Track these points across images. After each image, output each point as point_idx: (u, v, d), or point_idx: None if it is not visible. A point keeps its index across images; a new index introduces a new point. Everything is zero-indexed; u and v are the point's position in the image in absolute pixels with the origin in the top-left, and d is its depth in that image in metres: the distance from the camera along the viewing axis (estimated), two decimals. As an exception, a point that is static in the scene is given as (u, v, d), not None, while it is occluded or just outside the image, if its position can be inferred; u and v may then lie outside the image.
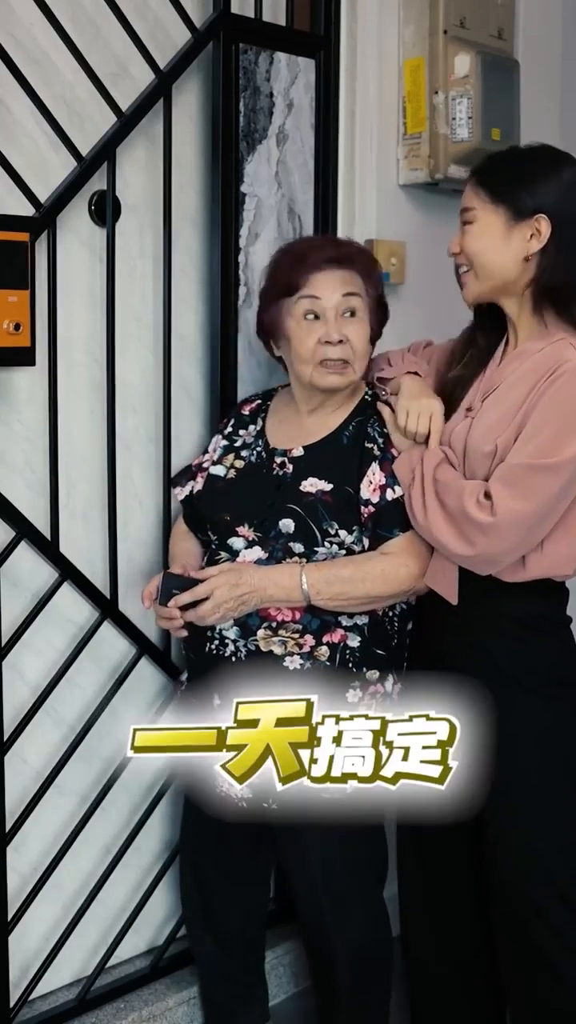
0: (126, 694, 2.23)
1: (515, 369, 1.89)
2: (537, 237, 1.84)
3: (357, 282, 1.99)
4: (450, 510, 1.84)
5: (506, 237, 1.86)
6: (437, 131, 2.49)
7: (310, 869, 2.05)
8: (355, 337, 1.96)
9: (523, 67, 2.65)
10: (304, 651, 1.94)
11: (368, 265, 2.03)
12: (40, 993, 2.20)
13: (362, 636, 1.96)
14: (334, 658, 1.94)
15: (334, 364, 1.96)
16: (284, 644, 1.94)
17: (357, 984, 2.10)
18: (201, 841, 2.21)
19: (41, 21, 1.95)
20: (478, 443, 1.87)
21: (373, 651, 1.97)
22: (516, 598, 1.89)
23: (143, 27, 2.10)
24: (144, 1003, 2.28)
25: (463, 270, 1.94)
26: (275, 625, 1.94)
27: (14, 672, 2.07)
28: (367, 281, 2.00)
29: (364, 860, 2.08)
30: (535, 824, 1.91)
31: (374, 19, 2.46)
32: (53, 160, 2.01)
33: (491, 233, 1.87)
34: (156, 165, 2.17)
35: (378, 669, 1.97)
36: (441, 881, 2.11)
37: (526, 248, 1.85)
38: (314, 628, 1.94)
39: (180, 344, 2.26)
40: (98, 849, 2.26)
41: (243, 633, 1.96)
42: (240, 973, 2.28)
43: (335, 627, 1.95)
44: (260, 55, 2.27)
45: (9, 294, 1.88)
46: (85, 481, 2.15)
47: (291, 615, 1.94)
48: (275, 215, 2.35)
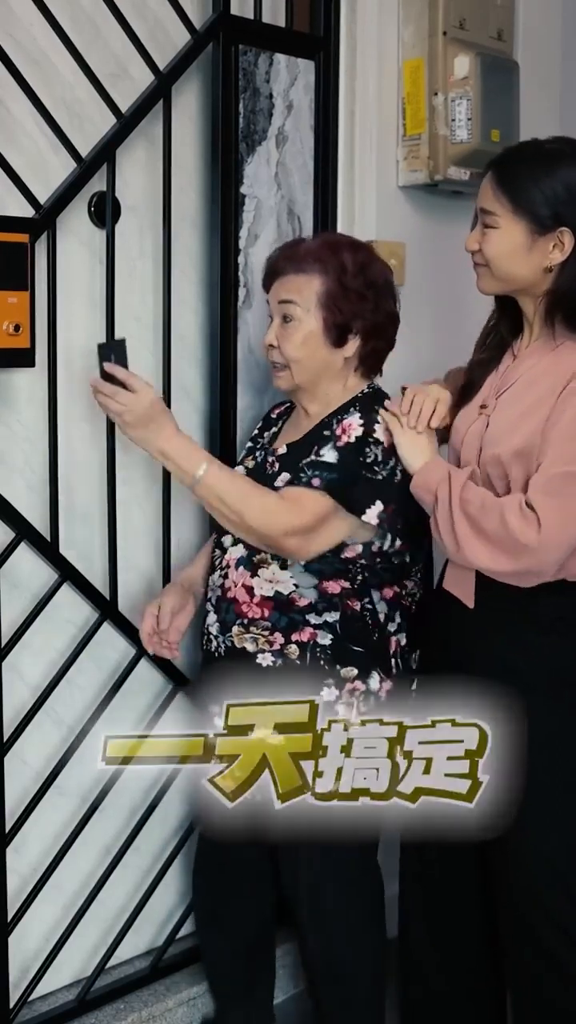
0: (126, 695, 2.23)
1: (530, 367, 1.88)
2: (560, 248, 1.82)
3: (295, 286, 1.98)
4: (489, 532, 1.79)
5: (528, 248, 1.84)
6: (437, 132, 2.48)
7: (298, 893, 2.07)
8: (284, 343, 1.99)
9: (523, 68, 2.65)
10: (275, 649, 1.95)
11: (324, 262, 1.97)
12: (40, 994, 2.19)
13: (334, 633, 1.94)
14: (304, 656, 1.94)
15: (275, 367, 2.03)
16: (256, 641, 1.96)
17: (335, 996, 2.10)
18: (209, 845, 2.23)
19: (41, 22, 1.94)
20: (495, 442, 1.85)
21: (348, 648, 1.95)
22: (532, 599, 1.87)
23: (143, 28, 2.10)
24: (144, 1004, 2.28)
25: (480, 266, 1.92)
26: (246, 622, 1.96)
27: (14, 673, 2.06)
28: (323, 278, 1.96)
29: (355, 884, 2.08)
30: (544, 826, 1.89)
31: (374, 20, 2.46)
32: (53, 161, 2.01)
33: (513, 243, 1.84)
34: (156, 166, 2.17)
35: (356, 666, 1.95)
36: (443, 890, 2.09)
37: (548, 260, 1.84)
38: (282, 626, 1.95)
39: (180, 345, 2.26)
40: (98, 850, 2.25)
41: (221, 629, 1.99)
42: (241, 973, 2.28)
43: (303, 626, 1.94)
44: (260, 56, 2.26)
45: (9, 295, 1.88)
46: (85, 482, 2.15)
47: (260, 612, 1.95)
48: (275, 216, 2.35)
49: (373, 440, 1.93)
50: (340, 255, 1.97)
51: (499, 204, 1.85)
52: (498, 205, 1.85)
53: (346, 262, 1.97)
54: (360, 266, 1.98)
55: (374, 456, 1.92)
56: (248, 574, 1.98)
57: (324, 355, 1.99)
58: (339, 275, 1.96)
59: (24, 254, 1.90)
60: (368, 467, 1.91)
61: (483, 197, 1.88)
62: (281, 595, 1.95)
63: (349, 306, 1.96)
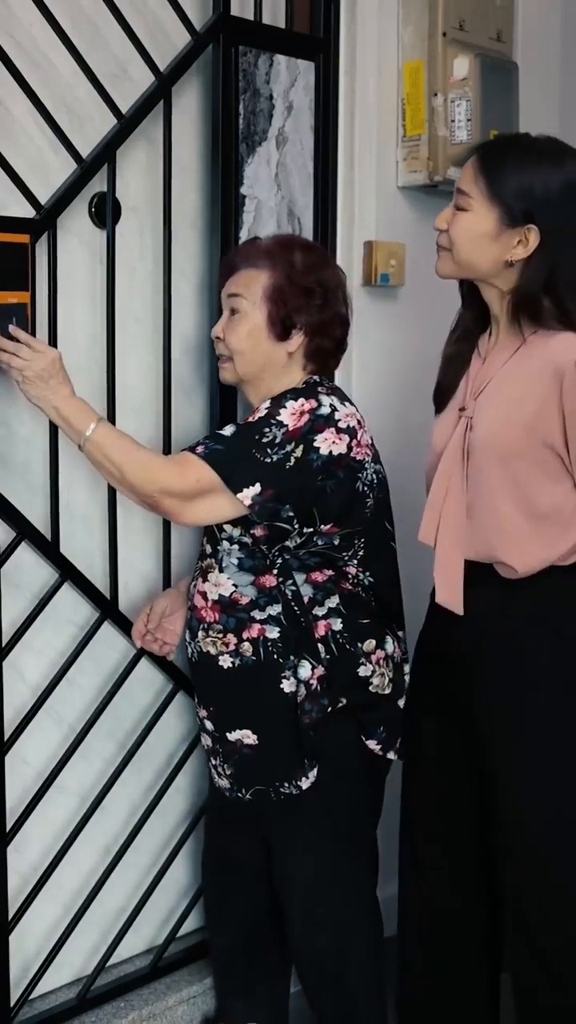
0: (126, 695, 2.23)
1: (503, 362, 1.87)
2: (524, 245, 1.81)
3: (245, 280, 1.99)
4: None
5: (494, 238, 1.83)
6: (436, 133, 2.49)
7: (291, 892, 2.08)
8: (229, 334, 2.01)
9: (522, 69, 2.65)
10: (231, 649, 1.97)
11: (275, 257, 1.98)
12: (40, 992, 2.20)
13: (280, 625, 1.95)
14: (258, 652, 1.95)
15: (220, 359, 2.06)
16: (215, 644, 1.98)
17: (330, 997, 2.11)
18: (213, 840, 2.25)
19: (41, 23, 1.94)
20: (484, 441, 1.85)
21: (294, 639, 1.96)
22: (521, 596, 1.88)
23: (143, 29, 2.10)
24: (144, 1002, 2.28)
25: (443, 249, 1.91)
26: (206, 626, 2.00)
27: (14, 672, 2.07)
28: (271, 272, 1.97)
29: (348, 883, 2.08)
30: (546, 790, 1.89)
31: (373, 21, 2.46)
32: (53, 162, 2.01)
33: (480, 228, 1.83)
34: (156, 167, 2.17)
35: (294, 654, 1.96)
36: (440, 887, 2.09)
37: (510, 254, 1.82)
38: (232, 627, 1.97)
39: (180, 344, 2.26)
40: (98, 849, 2.25)
41: (191, 635, 2.05)
42: (242, 969, 2.27)
43: (251, 623, 1.96)
44: (260, 57, 2.26)
45: (10, 295, 1.88)
46: (85, 482, 2.14)
47: (213, 616, 1.98)
48: (275, 217, 2.34)
49: (276, 422, 1.90)
50: (292, 253, 1.99)
51: (476, 187, 1.84)
52: (475, 188, 1.84)
53: (296, 260, 1.98)
54: (310, 266, 1.98)
55: (272, 437, 1.89)
56: (201, 580, 2.01)
57: (267, 348, 1.99)
58: (287, 271, 1.97)
59: (25, 254, 1.91)
60: (261, 447, 1.89)
61: (463, 178, 1.87)
62: (224, 597, 1.97)
63: (294, 300, 1.96)
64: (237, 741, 2.01)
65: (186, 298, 2.27)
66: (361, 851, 2.10)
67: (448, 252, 1.89)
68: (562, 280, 1.80)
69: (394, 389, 2.54)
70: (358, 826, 2.09)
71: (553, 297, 1.81)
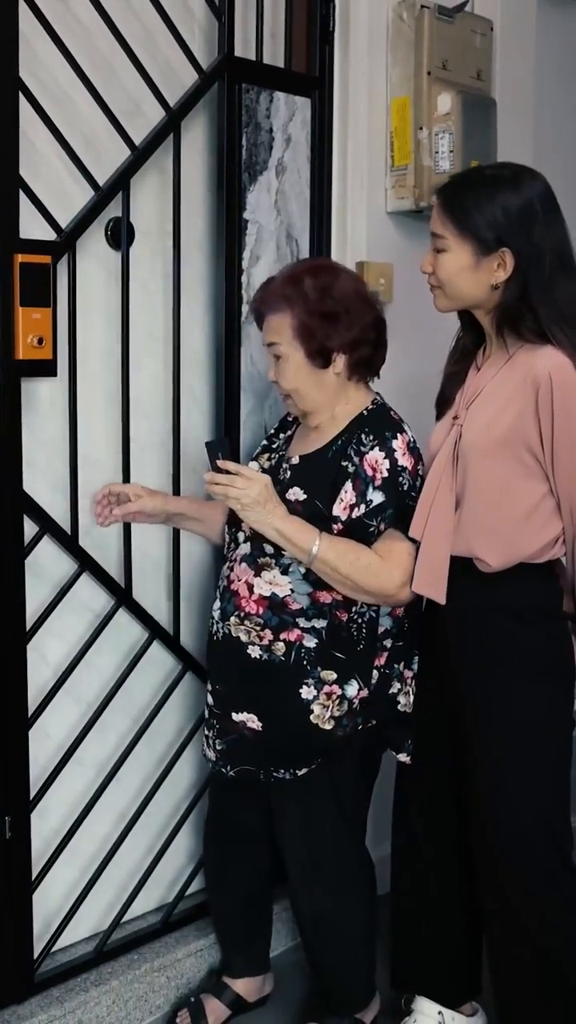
0: (139, 674, 2.25)
1: (491, 376, 1.90)
2: (503, 267, 1.84)
3: (274, 326, 1.97)
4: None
5: (474, 269, 1.85)
6: (421, 163, 2.49)
7: (295, 865, 2.10)
8: (280, 378, 2.00)
9: (500, 105, 2.65)
10: (264, 644, 1.96)
11: (289, 297, 1.95)
12: (61, 946, 2.21)
13: (319, 639, 1.95)
14: (289, 655, 1.95)
15: (284, 397, 2.05)
16: (248, 633, 1.97)
17: (326, 949, 2.13)
18: (217, 809, 2.26)
19: (62, 63, 1.96)
20: (470, 446, 1.88)
21: (331, 654, 1.95)
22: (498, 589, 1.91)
23: (154, 69, 2.11)
24: (155, 955, 2.29)
25: (435, 288, 1.94)
26: (243, 615, 1.97)
27: (38, 655, 2.08)
28: (291, 312, 1.94)
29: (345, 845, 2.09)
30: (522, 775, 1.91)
31: (364, 62, 2.47)
32: (73, 189, 2.03)
33: (460, 264, 1.86)
34: (166, 194, 2.19)
35: (336, 671, 1.95)
36: (432, 837, 2.12)
37: (493, 278, 1.85)
38: (273, 624, 1.96)
39: (188, 357, 2.27)
40: (114, 815, 2.27)
41: (222, 616, 2.01)
42: (242, 926, 2.30)
43: (293, 627, 1.95)
44: (261, 94, 2.28)
45: (33, 311, 1.90)
46: (102, 480, 2.15)
47: (256, 609, 1.96)
48: (274, 239, 2.36)
49: (400, 468, 1.95)
50: (301, 286, 1.94)
51: (446, 228, 1.87)
52: (445, 229, 1.87)
53: (307, 291, 1.94)
54: (322, 290, 1.94)
55: (408, 483, 1.95)
56: (252, 572, 1.99)
57: (317, 379, 1.98)
58: (304, 305, 1.93)
59: (47, 274, 1.92)
60: (409, 496, 1.96)
61: (433, 222, 1.90)
62: (276, 597, 1.96)
63: (321, 330, 1.94)
64: (241, 722, 2.00)
65: (194, 313, 2.28)
66: (359, 815, 2.12)
67: (440, 290, 1.93)
68: (535, 293, 1.83)
69: (391, 399, 2.55)
70: (356, 795, 2.10)
71: (530, 309, 1.84)
